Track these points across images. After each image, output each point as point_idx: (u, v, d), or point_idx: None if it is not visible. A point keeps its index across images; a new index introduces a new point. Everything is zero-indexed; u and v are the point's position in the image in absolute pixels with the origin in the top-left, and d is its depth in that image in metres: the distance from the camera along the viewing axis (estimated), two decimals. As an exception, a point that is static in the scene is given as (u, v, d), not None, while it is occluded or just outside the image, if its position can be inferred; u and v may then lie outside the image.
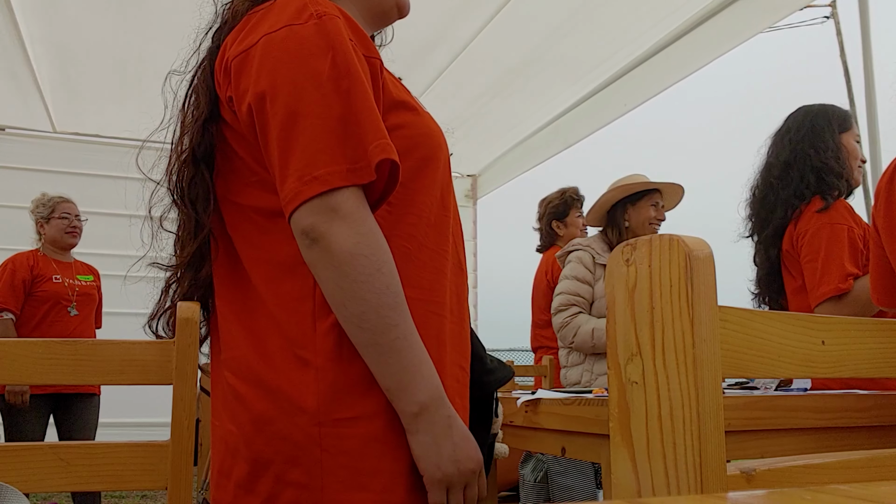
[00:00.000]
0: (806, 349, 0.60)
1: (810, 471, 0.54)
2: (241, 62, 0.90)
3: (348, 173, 0.82)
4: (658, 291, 0.50)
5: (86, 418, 3.40)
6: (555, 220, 3.44)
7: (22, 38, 3.85)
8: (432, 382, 0.84)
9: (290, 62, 0.86)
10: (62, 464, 0.80)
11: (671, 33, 3.82)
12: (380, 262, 0.82)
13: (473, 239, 6.24)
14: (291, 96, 0.84)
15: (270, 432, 0.85)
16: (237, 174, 0.94)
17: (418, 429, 0.83)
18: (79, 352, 0.82)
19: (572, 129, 4.89)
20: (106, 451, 0.81)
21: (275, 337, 0.88)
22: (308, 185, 0.81)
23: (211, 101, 0.95)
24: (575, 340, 2.57)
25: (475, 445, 0.87)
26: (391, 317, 0.82)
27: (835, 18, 3.44)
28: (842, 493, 0.31)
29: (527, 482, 2.60)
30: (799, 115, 2.22)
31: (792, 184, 2.11)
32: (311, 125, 0.83)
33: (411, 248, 0.92)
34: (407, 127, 0.95)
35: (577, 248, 2.72)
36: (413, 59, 4.07)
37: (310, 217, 0.81)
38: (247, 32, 0.92)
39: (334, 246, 0.81)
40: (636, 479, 0.49)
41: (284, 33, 0.87)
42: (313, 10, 0.89)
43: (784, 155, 2.17)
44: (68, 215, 3.47)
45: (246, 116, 0.89)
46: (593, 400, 1.43)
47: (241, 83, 0.89)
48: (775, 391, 1.69)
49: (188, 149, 0.96)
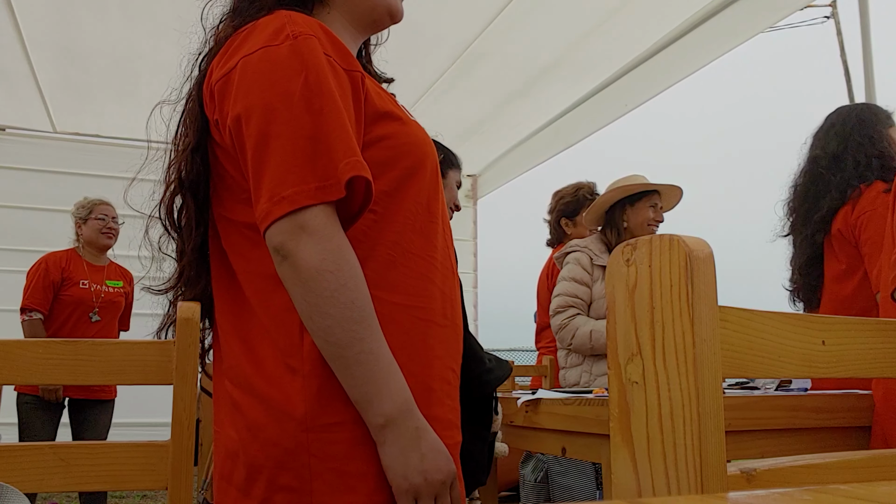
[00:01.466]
0: (806, 349, 0.60)
1: (810, 471, 0.54)
2: (223, 85, 0.93)
3: (316, 191, 0.84)
4: (658, 291, 0.49)
5: (100, 421, 3.46)
6: (564, 218, 3.27)
7: (22, 38, 3.85)
8: (400, 395, 0.86)
9: (262, 83, 0.88)
10: (62, 464, 0.80)
11: (671, 33, 3.82)
12: (345, 277, 0.85)
13: (473, 239, 6.24)
14: (263, 118, 0.87)
15: (263, 438, 0.88)
16: (229, 192, 0.97)
17: (385, 440, 0.85)
18: (79, 352, 0.82)
19: (572, 129, 4.89)
20: (106, 451, 0.81)
21: (267, 347, 0.92)
22: (277, 204, 0.84)
23: (199, 129, 0.98)
24: (573, 342, 2.56)
25: (446, 457, 0.88)
26: (356, 331, 0.84)
27: (835, 18, 3.44)
28: (842, 493, 0.31)
29: (527, 482, 2.59)
30: (843, 111, 2.20)
31: (847, 169, 2.07)
32: (281, 146, 0.85)
33: (396, 256, 0.94)
34: (392, 137, 0.97)
35: (575, 249, 2.71)
36: (414, 59, 4.07)
37: (280, 235, 0.84)
38: (229, 55, 0.94)
39: (300, 263, 0.84)
40: (636, 479, 0.49)
41: (259, 55, 0.90)
42: (290, 30, 0.91)
43: (832, 147, 2.14)
44: (105, 217, 3.52)
45: (228, 138, 0.93)
46: (593, 400, 1.43)
47: (224, 106, 0.92)
48: (775, 391, 1.69)
49: (175, 178, 1.00)
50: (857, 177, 2.05)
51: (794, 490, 0.32)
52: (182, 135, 1.01)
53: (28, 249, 4.56)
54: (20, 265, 4.25)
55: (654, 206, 2.67)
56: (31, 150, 5.08)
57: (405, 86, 4.52)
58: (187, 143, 0.99)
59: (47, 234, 4.48)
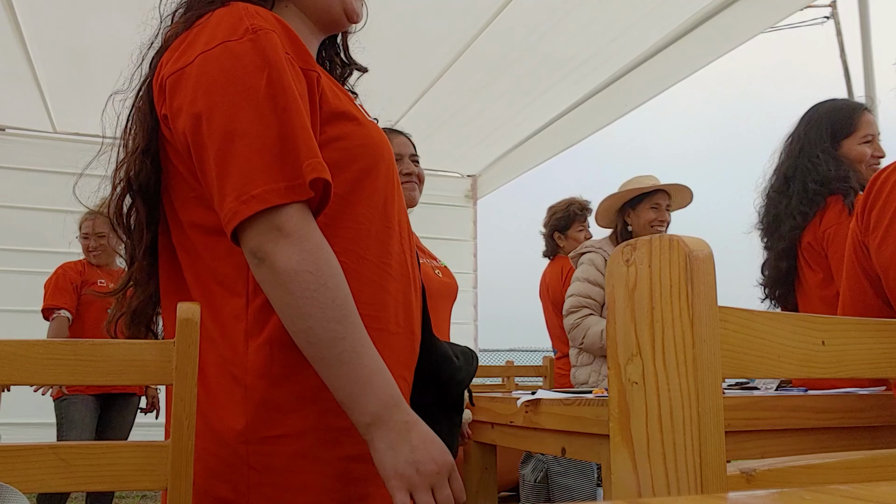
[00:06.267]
0: (806, 349, 0.60)
1: (811, 471, 0.54)
2: (175, 80, 0.90)
3: (287, 190, 0.83)
4: (658, 291, 0.50)
5: (124, 417, 3.48)
6: (556, 232, 3.47)
7: (23, 38, 3.85)
8: (385, 391, 0.84)
9: (225, 81, 0.86)
10: (62, 464, 0.80)
11: (671, 33, 3.82)
12: (325, 276, 0.83)
13: (473, 239, 6.24)
14: (228, 116, 0.84)
15: (201, 448, 0.86)
16: (178, 189, 0.95)
17: (373, 437, 0.83)
18: (79, 352, 0.82)
19: (572, 129, 4.89)
20: (106, 451, 0.81)
21: (211, 354, 0.90)
22: (246, 203, 0.82)
23: (149, 129, 0.96)
24: (584, 342, 2.60)
25: (441, 448, 0.86)
26: (338, 330, 0.83)
27: (835, 18, 3.43)
28: (842, 493, 0.31)
29: (527, 482, 2.59)
30: (801, 124, 2.19)
31: (794, 195, 2.08)
32: (247, 144, 0.83)
33: (349, 262, 0.92)
34: (345, 138, 0.95)
35: (590, 249, 2.75)
36: (414, 58, 4.07)
37: (256, 237, 0.83)
38: (183, 50, 0.92)
39: (278, 265, 0.82)
40: (636, 480, 0.49)
41: (219, 51, 0.87)
42: (248, 24, 0.89)
43: (785, 167, 2.15)
44: (88, 235, 3.45)
45: (181, 135, 0.89)
46: (593, 400, 1.43)
47: (174, 101, 0.89)
48: (775, 391, 1.69)
49: (124, 179, 0.97)
50: (807, 202, 2.05)
51: (794, 490, 0.32)
52: (132, 134, 0.99)
53: (28, 249, 4.57)
54: (20, 265, 4.25)
55: (657, 206, 2.68)
56: (31, 150, 5.07)
57: (405, 85, 4.54)
58: (136, 144, 0.97)
59: (47, 234, 4.48)
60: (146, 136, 0.96)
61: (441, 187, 5.97)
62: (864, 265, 1.43)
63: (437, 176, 5.93)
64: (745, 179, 2.35)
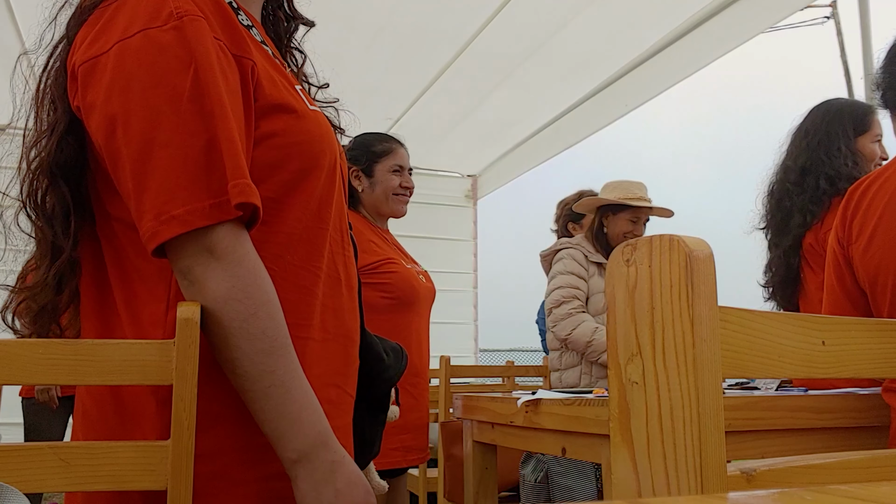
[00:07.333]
0: (806, 349, 0.60)
1: (811, 471, 0.54)
2: (89, 69, 0.79)
3: (211, 210, 0.75)
4: (658, 291, 0.50)
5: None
6: (571, 223, 3.46)
7: (23, 38, 3.85)
8: (314, 428, 0.80)
9: (145, 79, 0.76)
10: (62, 464, 0.80)
11: (671, 33, 3.83)
12: (255, 305, 0.77)
13: (474, 239, 6.24)
14: (147, 122, 0.75)
15: None
16: (102, 176, 0.85)
17: (297, 475, 0.79)
18: (79, 352, 0.82)
19: (572, 129, 4.89)
20: (106, 451, 0.81)
21: None
22: (166, 224, 0.74)
23: (67, 108, 0.84)
24: (571, 335, 2.55)
25: (364, 490, 0.82)
26: (266, 363, 0.77)
27: (835, 18, 3.44)
28: (842, 493, 0.31)
29: (527, 482, 2.59)
30: (817, 117, 2.16)
31: (808, 190, 2.07)
32: (168, 155, 0.75)
33: (278, 270, 0.85)
34: (281, 135, 0.86)
35: (568, 246, 2.76)
36: (414, 57, 4.07)
37: (186, 259, 0.76)
38: (98, 31, 0.81)
39: (207, 292, 0.76)
40: (636, 480, 0.49)
41: (140, 41, 0.77)
42: (173, 7, 0.79)
43: (801, 160, 2.12)
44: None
45: (95, 134, 0.80)
46: (593, 400, 1.43)
47: (87, 94, 0.80)
48: (776, 391, 1.69)
49: (39, 157, 0.85)
50: (817, 200, 2.05)
51: (794, 490, 0.32)
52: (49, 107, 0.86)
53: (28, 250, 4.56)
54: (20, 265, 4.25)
55: (636, 220, 2.69)
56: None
57: (405, 85, 4.54)
58: (54, 120, 0.85)
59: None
60: (65, 116, 0.84)
61: (441, 187, 5.98)
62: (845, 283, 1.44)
63: (437, 176, 5.93)
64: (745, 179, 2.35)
